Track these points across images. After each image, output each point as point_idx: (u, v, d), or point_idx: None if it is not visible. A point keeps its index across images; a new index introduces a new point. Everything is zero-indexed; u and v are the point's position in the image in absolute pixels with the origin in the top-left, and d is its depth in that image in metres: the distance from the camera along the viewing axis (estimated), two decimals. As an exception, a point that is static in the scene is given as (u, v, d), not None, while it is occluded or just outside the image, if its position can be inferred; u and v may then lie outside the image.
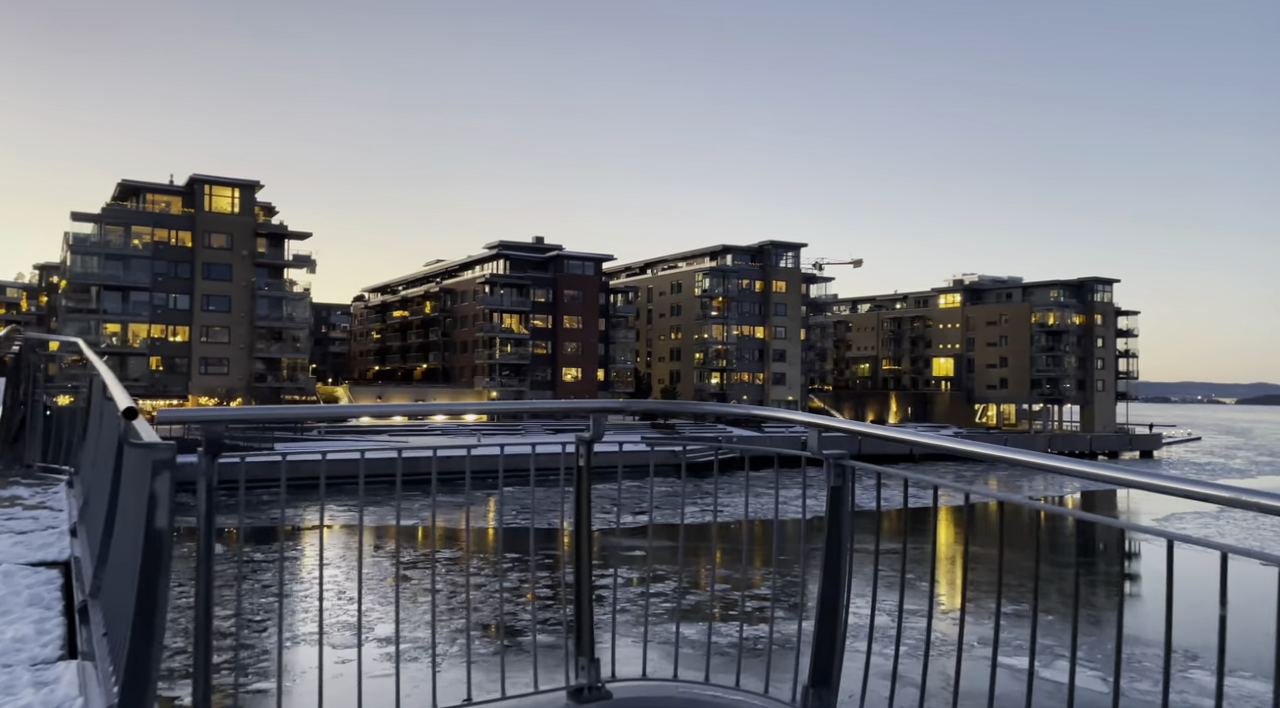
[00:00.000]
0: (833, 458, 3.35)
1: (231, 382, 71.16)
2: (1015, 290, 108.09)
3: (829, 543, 3.43)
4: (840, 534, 3.44)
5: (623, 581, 29.02)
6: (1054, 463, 2.72)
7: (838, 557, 3.41)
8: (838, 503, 3.42)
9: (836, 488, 3.38)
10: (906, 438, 3.25)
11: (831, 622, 3.49)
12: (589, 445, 3.88)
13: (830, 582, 3.45)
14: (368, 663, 18.44)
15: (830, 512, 3.44)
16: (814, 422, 3.41)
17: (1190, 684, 19.63)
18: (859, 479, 3.39)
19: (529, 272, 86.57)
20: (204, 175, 71.73)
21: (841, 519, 3.43)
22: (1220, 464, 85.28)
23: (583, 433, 3.86)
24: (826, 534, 3.43)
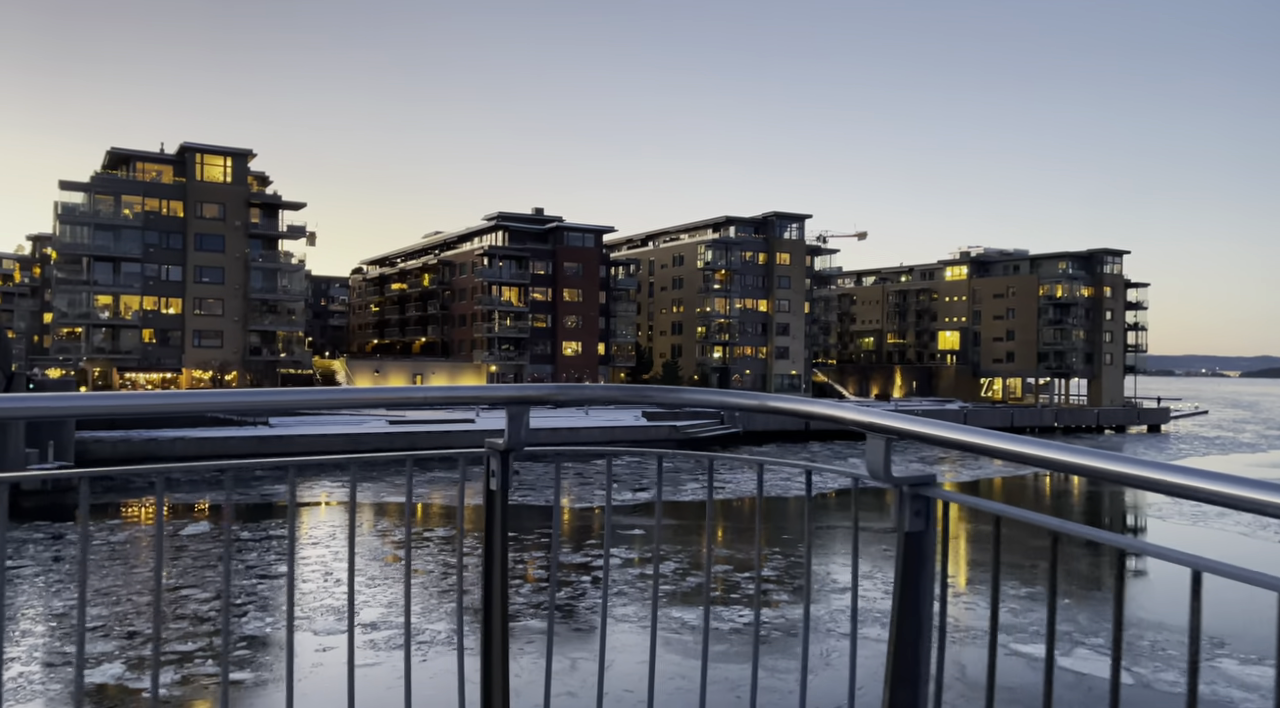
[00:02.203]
0: (909, 486, 2.01)
1: (226, 355, 70.03)
2: (1023, 263, 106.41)
3: (901, 620, 2.03)
4: (919, 608, 2.03)
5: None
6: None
7: (914, 643, 2.03)
8: (917, 557, 2.02)
9: (915, 535, 2.02)
10: (1028, 453, 1.81)
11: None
12: (504, 459, 2.67)
13: (903, 687, 2.04)
14: (316, 655, 17.16)
15: (906, 569, 2.04)
16: (878, 423, 2.04)
17: (1219, 674, 18.57)
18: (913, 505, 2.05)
19: (528, 244, 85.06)
20: (195, 143, 70.11)
21: (921, 583, 2.03)
22: (1230, 438, 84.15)
23: (495, 440, 2.67)
24: (896, 604, 2.04)
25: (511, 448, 2.64)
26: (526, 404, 2.63)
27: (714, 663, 18.45)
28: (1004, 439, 1.79)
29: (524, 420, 2.61)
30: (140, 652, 18.69)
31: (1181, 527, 37.35)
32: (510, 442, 2.63)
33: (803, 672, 2.63)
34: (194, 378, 69.13)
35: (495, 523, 2.71)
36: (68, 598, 22.60)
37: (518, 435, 2.62)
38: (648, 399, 2.78)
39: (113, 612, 21.34)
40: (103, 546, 28.91)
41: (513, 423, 2.60)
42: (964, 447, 1.88)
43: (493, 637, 2.73)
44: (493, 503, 2.72)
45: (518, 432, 2.61)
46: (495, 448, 2.66)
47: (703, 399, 2.68)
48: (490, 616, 2.74)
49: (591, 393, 2.79)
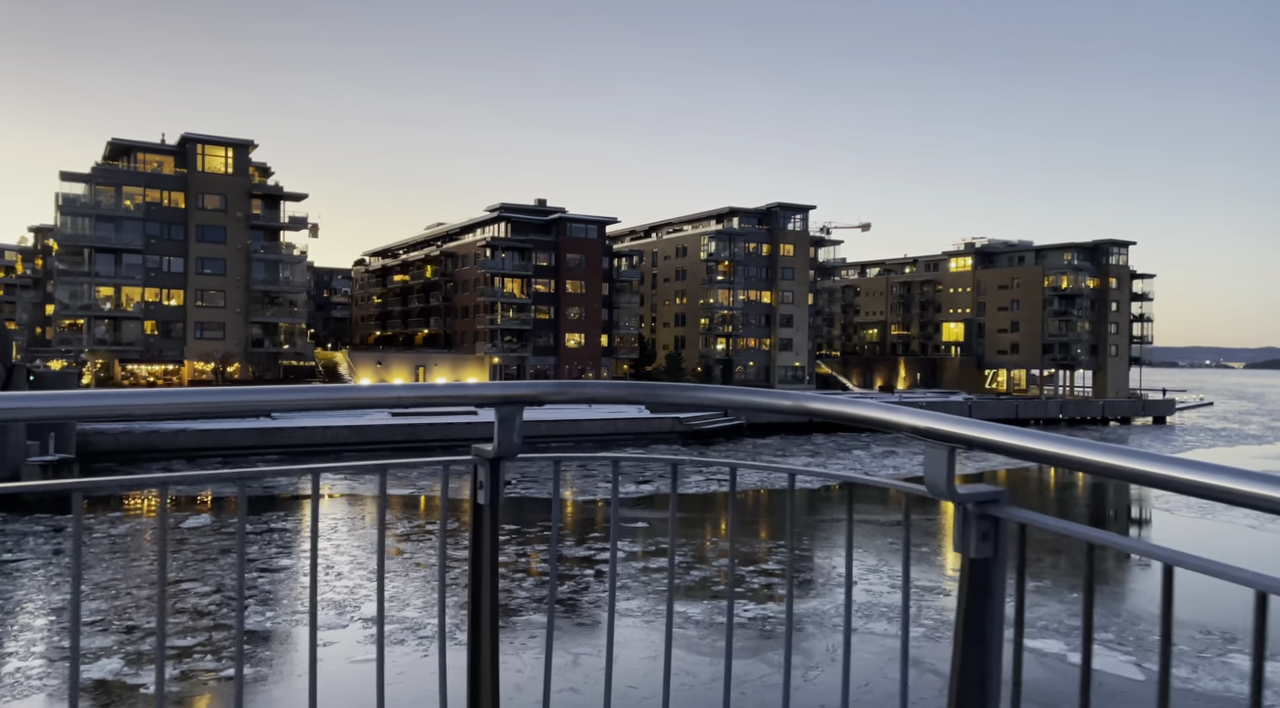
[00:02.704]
0: (975, 504, 1.71)
1: (228, 346, 69.85)
2: (1028, 254, 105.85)
3: (965, 661, 1.72)
4: (986, 646, 1.72)
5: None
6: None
7: (980, 686, 1.70)
8: (984, 588, 1.72)
9: (982, 563, 1.71)
10: (1117, 465, 1.43)
11: None
12: (493, 468, 2.35)
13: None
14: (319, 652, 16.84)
15: (970, 600, 1.72)
16: (939, 429, 1.72)
17: (1230, 670, 18.32)
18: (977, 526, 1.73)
19: (531, 235, 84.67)
20: (196, 134, 69.79)
21: (988, 617, 1.72)
22: (1235, 430, 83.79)
23: (483, 446, 2.34)
24: (960, 642, 1.73)
25: (502, 455, 2.29)
26: (518, 405, 2.26)
27: (719, 659, 18.22)
28: (1089, 449, 1.50)
29: (515, 423, 2.26)
30: (139, 647, 18.49)
31: (1194, 520, 37.04)
32: (500, 448, 2.27)
33: (785, 677, 2.40)
34: (196, 370, 68.98)
35: (483, 541, 2.37)
36: (67, 592, 22.41)
37: (509, 440, 2.26)
38: (658, 399, 2.41)
39: (112, 606, 21.15)
40: (103, 539, 28.74)
41: (503, 426, 2.25)
42: (1043, 457, 1.57)
43: (481, 667, 2.39)
44: (480, 518, 2.36)
45: (509, 436, 2.26)
46: (483, 455, 2.32)
47: (724, 399, 2.27)
48: (478, 643, 2.39)
49: (594, 391, 2.46)
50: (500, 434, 2.25)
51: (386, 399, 2.20)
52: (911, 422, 1.79)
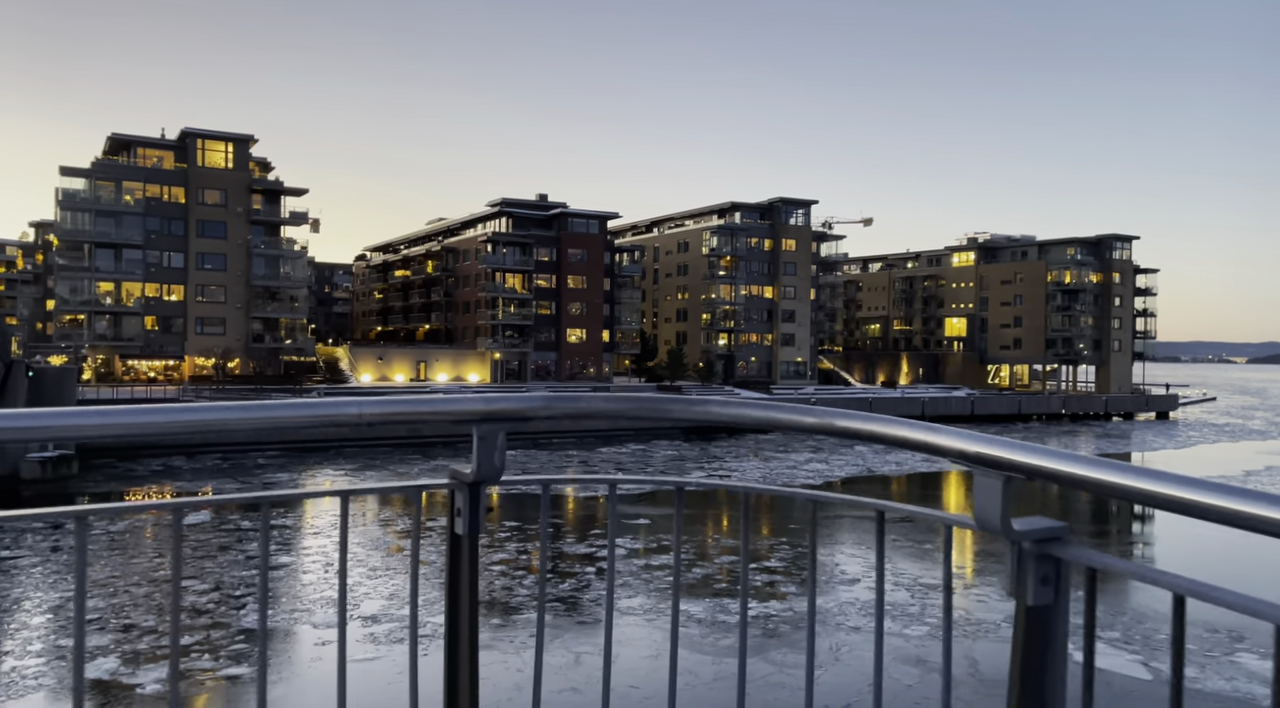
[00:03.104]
0: (1033, 543, 1.49)
1: (228, 342, 69.70)
2: (1030, 249, 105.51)
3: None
4: (1046, 705, 1.49)
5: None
6: None
7: None
8: (1041, 639, 1.49)
9: (1041, 611, 1.49)
10: (1205, 502, 1.22)
11: None
12: (472, 493, 2.05)
13: None
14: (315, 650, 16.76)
15: (1027, 653, 1.48)
16: (993, 455, 1.50)
17: (1239, 670, 18.12)
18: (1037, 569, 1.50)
19: (532, 230, 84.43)
20: (196, 129, 69.56)
21: (1048, 674, 1.49)
22: (1239, 425, 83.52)
23: (460, 468, 2.06)
24: (1014, 697, 1.50)
25: (482, 479, 2.00)
26: (500, 423, 1.97)
27: (722, 658, 18.04)
28: (1188, 487, 1.25)
29: (497, 442, 1.97)
30: (136, 645, 18.33)
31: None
32: (480, 470, 1.98)
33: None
34: (196, 365, 68.85)
35: (461, 576, 2.07)
36: (65, 590, 22.27)
37: (490, 462, 1.97)
38: (663, 415, 2.08)
39: (109, 604, 21.00)
40: (102, 535, 28.60)
41: (483, 446, 1.96)
42: (1129, 494, 1.31)
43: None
44: (458, 551, 2.06)
45: (489, 457, 1.97)
46: (461, 480, 2.04)
47: (737, 416, 1.97)
48: (455, 692, 2.10)
49: (589, 405, 2.09)
50: (480, 455, 1.97)
51: (343, 418, 1.84)
52: (960, 445, 1.55)
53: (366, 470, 45.72)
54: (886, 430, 1.72)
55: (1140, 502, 1.31)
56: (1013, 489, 1.49)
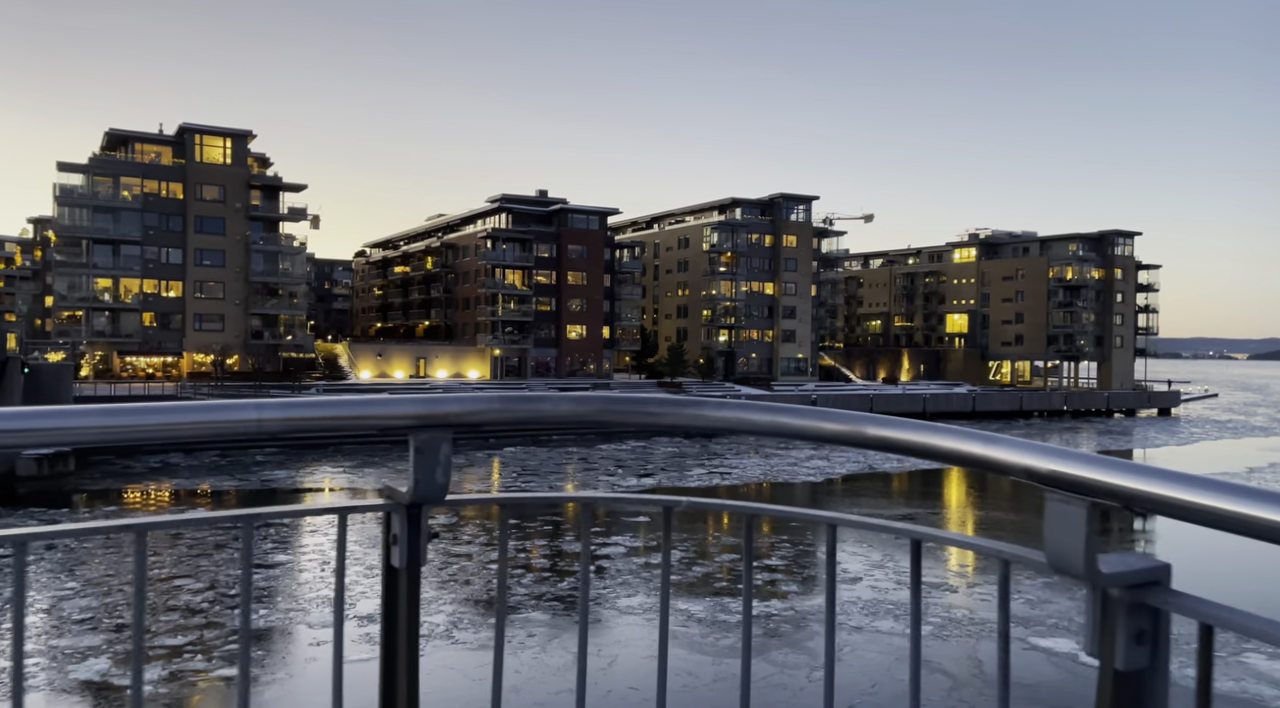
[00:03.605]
0: (1125, 589, 1.15)
1: (227, 338, 69.44)
2: (1032, 244, 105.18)
3: None
4: None
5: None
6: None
7: None
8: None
9: (1134, 677, 1.16)
10: None
11: None
12: (411, 517, 1.67)
13: None
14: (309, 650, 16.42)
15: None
16: (1075, 476, 1.16)
17: (1246, 671, 17.85)
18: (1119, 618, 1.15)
19: (532, 226, 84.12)
20: (194, 124, 69.23)
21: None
22: (1241, 422, 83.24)
23: (397, 485, 1.68)
24: None
25: (423, 499, 1.64)
26: (441, 430, 1.61)
27: (722, 658, 17.79)
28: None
29: (441, 454, 1.61)
30: (128, 646, 18.08)
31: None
32: (420, 490, 1.61)
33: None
34: (195, 362, 68.61)
35: (399, 618, 1.68)
36: (57, 589, 22.02)
37: (431, 478, 1.61)
38: (645, 420, 1.70)
39: (103, 603, 20.76)
40: (97, 535, 28.36)
41: (422, 459, 1.60)
42: (1246, 526, 1.03)
43: None
44: (394, 588, 1.68)
45: (430, 471, 1.60)
46: (397, 500, 1.66)
47: (737, 421, 1.63)
48: None
49: (553, 408, 1.71)
50: (418, 470, 1.60)
51: (236, 426, 1.43)
52: (1030, 461, 1.22)
53: (365, 467, 45.46)
54: (932, 441, 1.37)
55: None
56: (1098, 519, 1.15)
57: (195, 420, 1.43)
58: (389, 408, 1.59)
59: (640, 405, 1.71)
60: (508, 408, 1.65)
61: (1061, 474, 1.18)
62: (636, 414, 1.71)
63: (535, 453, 50.79)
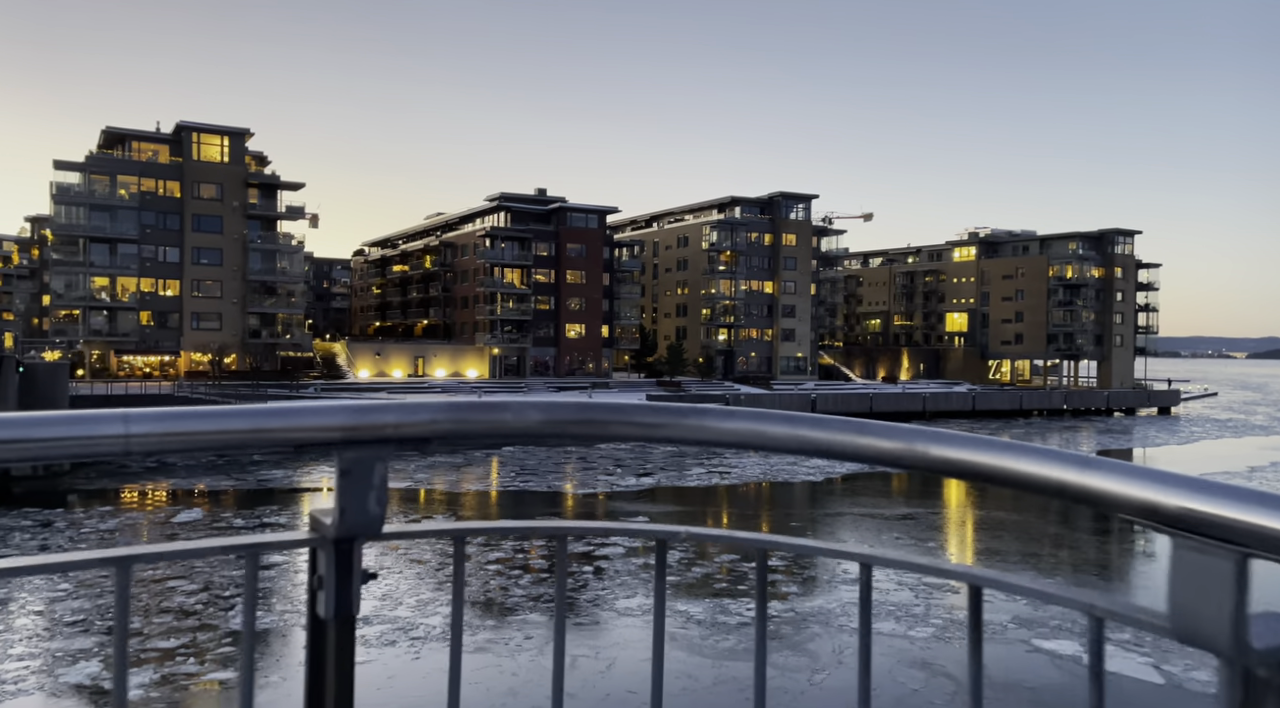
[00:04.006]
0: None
1: (224, 337, 69.18)
2: (1032, 243, 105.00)
3: None
4: None
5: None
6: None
7: None
8: None
9: None
10: None
11: None
12: (339, 555, 1.30)
13: None
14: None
15: None
16: (1216, 515, 0.85)
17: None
18: None
19: (531, 225, 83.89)
20: (191, 122, 68.97)
21: None
22: (1241, 421, 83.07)
23: (323, 514, 1.30)
24: None
25: (353, 533, 1.29)
26: (373, 448, 1.27)
27: (722, 661, 17.57)
28: None
29: (375, 476, 1.28)
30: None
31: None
32: (349, 522, 1.27)
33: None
34: (193, 361, 68.36)
35: (325, 682, 1.30)
36: (50, 591, 21.79)
37: (364, 507, 1.27)
38: (636, 432, 1.39)
39: (95, 605, 20.53)
40: (92, 533, 28.15)
41: (350, 483, 1.26)
42: None
43: None
44: (320, 641, 1.30)
45: (362, 498, 1.27)
46: (322, 533, 1.30)
47: (750, 433, 1.30)
48: None
49: (518, 418, 1.36)
50: (346, 497, 1.26)
51: (99, 445, 1.11)
52: (1152, 495, 0.92)
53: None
54: (1012, 465, 1.06)
55: None
56: (1248, 575, 0.85)
57: (38, 437, 1.09)
58: (306, 419, 1.24)
59: (624, 414, 1.38)
60: (460, 419, 1.33)
61: (1199, 515, 0.88)
62: (620, 426, 1.39)
63: (534, 452, 50.58)
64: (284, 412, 1.24)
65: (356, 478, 1.27)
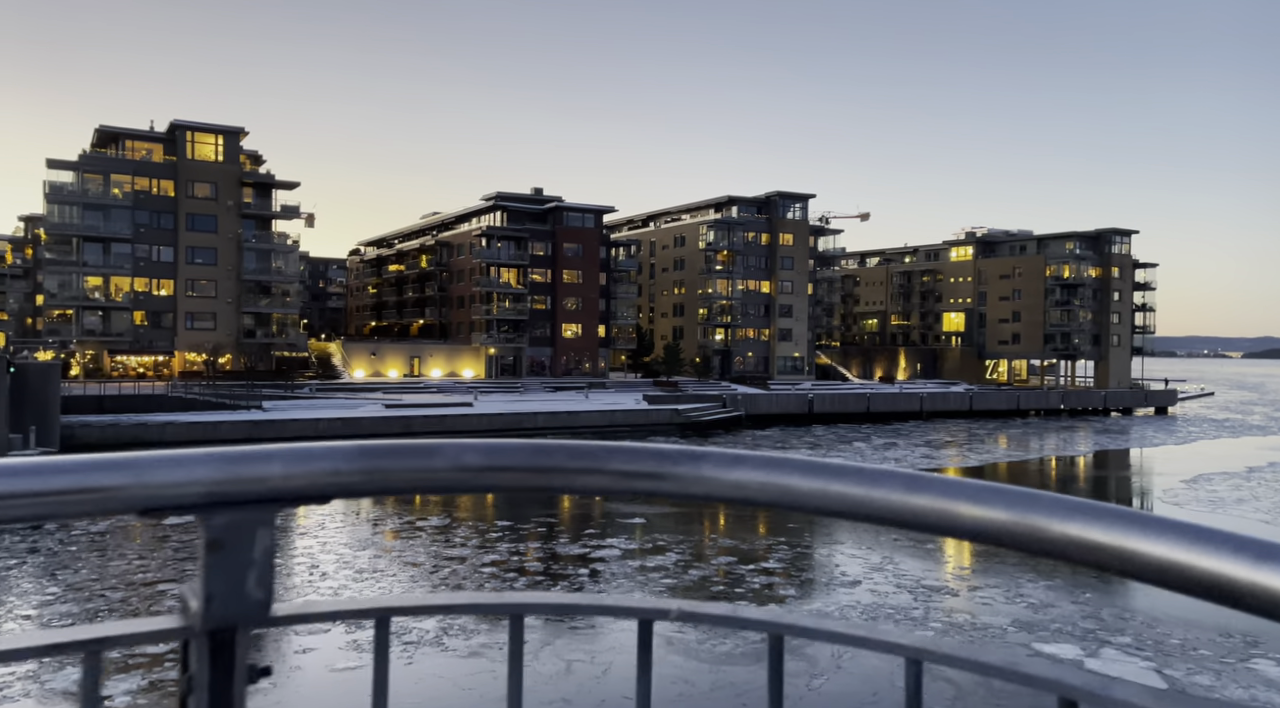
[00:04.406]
0: None
1: (219, 337, 68.82)
2: (1029, 243, 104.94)
3: None
4: None
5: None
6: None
7: None
8: None
9: None
10: None
11: None
12: (215, 645, 0.94)
13: None
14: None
15: None
16: None
17: (1255, 677, 17.45)
18: None
19: (527, 224, 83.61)
20: (186, 121, 68.60)
21: None
22: (1239, 421, 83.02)
23: (192, 596, 0.95)
24: None
25: (230, 621, 0.96)
26: (259, 508, 0.97)
27: (719, 666, 17.34)
28: None
29: (255, 548, 0.97)
30: (108, 654, 17.57)
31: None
32: (223, 607, 0.95)
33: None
34: (187, 361, 67.98)
35: None
36: (43, 593, 21.50)
37: (240, 586, 0.96)
38: (611, 484, 1.05)
39: (84, 609, 20.25)
40: (81, 535, 27.83)
41: (221, 558, 0.95)
42: None
43: None
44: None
45: (239, 576, 0.96)
46: (191, 623, 0.96)
47: (774, 490, 0.97)
48: None
49: (450, 468, 1.02)
50: (216, 576, 0.95)
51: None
52: None
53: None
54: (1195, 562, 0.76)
55: None
56: None
57: None
58: (153, 473, 0.92)
59: (596, 460, 1.04)
60: (372, 469, 1.00)
61: None
62: (590, 475, 1.04)
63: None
64: (120, 464, 0.92)
65: (231, 551, 0.96)
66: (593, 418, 58.77)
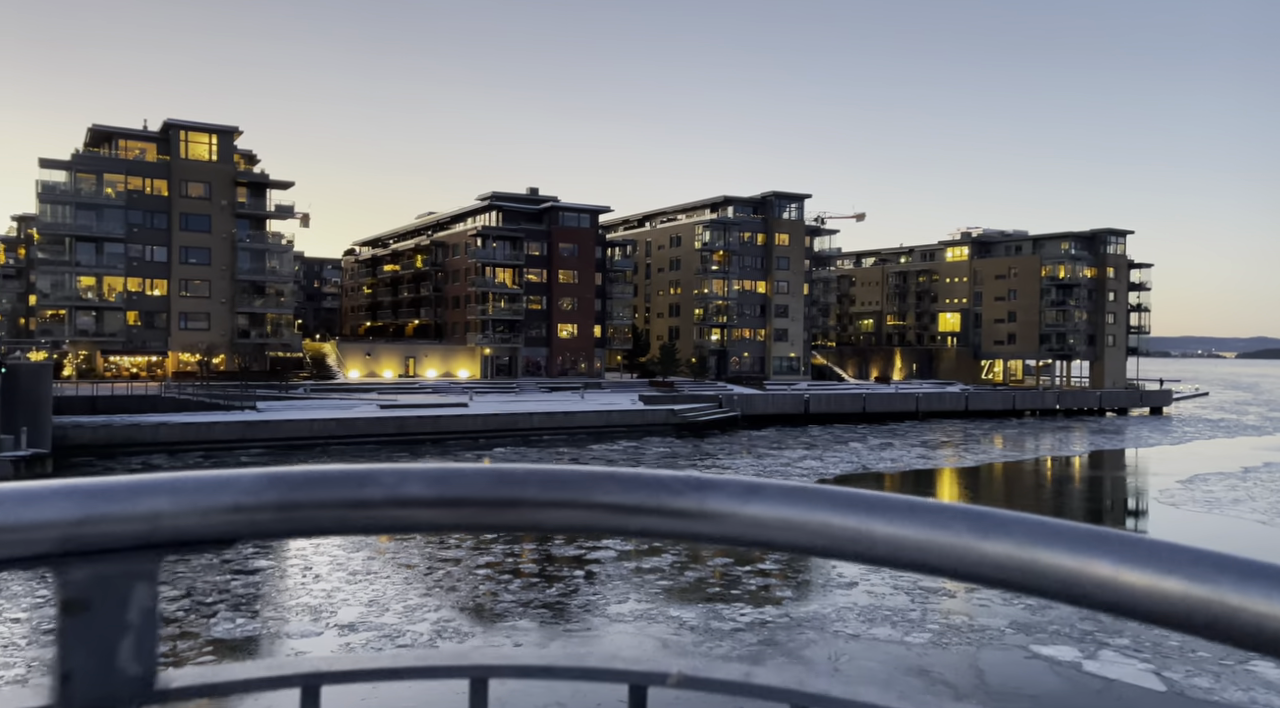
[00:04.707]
0: None
1: (213, 338, 68.52)
2: (1025, 243, 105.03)
3: None
4: None
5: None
6: None
7: None
8: None
9: None
10: None
11: None
12: None
13: None
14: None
15: None
16: None
17: (1255, 679, 17.35)
18: None
19: (522, 224, 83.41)
20: (179, 120, 68.29)
21: None
22: (1234, 421, 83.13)
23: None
24: None
25: (102, 705, 0.72)
26: (133, 558, 0.74)
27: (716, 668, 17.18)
28: None
29: (130, 609, 0.73)
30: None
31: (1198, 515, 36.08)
32: (90, 688, 0.72)
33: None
34: (180, 361, 67.67)
35: None
36: (36, 598, 21.28)
37: (111, 662, 0.73)
38: (588, 521, 0.82)
39: (74, 612, 20.03)
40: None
41: (83, 624, 0.72)
42: None
43: None
44: None
45: (109, 647, 0.73)
46: (51, 704, 0.72)
47: (797, 525, 0.76)
48: None
49: (385, 501, 0.78)
50: (78, 650, 0.73)
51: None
52: None
53: (368, 461, 44.61)
54: None
55: None
56: None
57: None
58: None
59: (576, 490, 0.81)
60: (284, 503, 0.77)
61: None
62: (561, 510, 0.81)
63: (526, 454, 50.12)
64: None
65: (100, 613, 0.73)
66: (589, 418, 58.61)
